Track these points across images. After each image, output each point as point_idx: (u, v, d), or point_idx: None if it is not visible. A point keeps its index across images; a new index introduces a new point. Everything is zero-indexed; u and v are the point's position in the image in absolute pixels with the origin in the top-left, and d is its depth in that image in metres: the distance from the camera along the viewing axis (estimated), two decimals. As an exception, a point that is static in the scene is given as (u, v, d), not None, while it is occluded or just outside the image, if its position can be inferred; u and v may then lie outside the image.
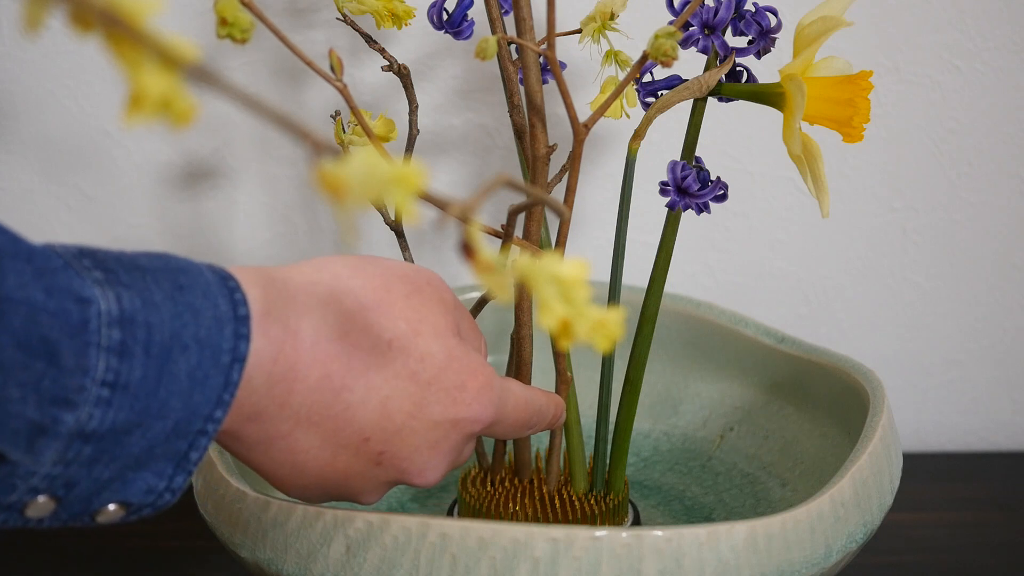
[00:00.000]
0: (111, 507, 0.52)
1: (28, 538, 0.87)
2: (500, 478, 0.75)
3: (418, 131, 0.72)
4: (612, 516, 0.74)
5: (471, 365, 0.60)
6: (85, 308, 0.47)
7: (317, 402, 0.56)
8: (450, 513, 0.76)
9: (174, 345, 0.50)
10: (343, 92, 0.63)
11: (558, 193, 0.70)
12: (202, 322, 0.51)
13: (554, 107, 0.83)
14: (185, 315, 0.50)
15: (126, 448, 0.50)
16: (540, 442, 0.80)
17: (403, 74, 0.70)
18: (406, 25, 0.69)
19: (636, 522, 0.76)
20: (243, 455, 0.58)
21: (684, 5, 0.66)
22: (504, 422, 0.63)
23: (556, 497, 0.73)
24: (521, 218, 0.66)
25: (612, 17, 0.68)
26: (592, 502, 0.73)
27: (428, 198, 0.45)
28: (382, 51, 0.70)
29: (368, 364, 0.57)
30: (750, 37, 0.67)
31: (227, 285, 0.53)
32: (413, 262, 0.73)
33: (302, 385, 0.55)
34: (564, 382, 0.70)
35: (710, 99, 0.69)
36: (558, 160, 0.71)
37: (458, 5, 0.70)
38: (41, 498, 0.50)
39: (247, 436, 0.56)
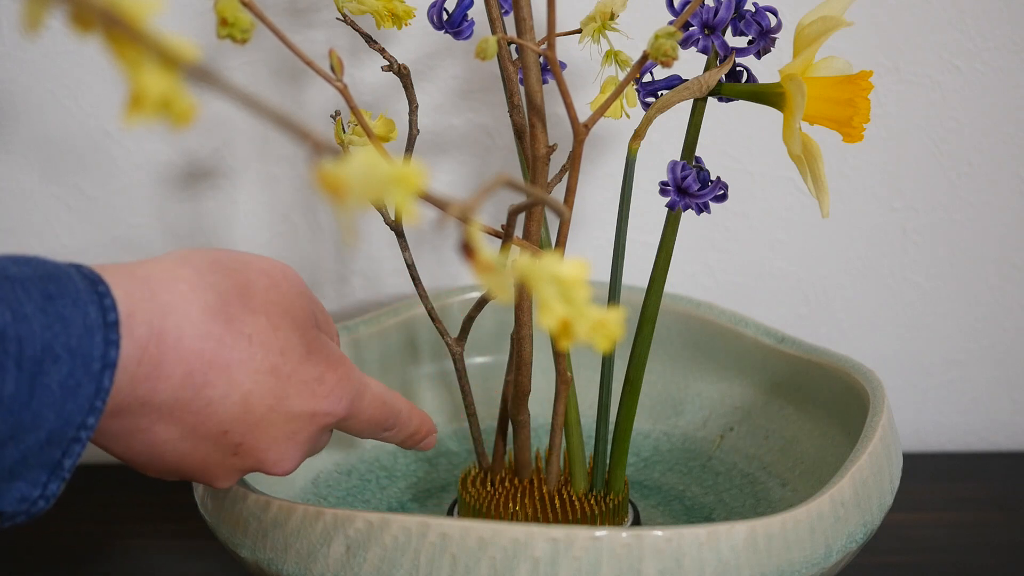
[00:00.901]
0: None
1: (27, 538, 0.87)
2: (500, 478, 0.75)
3: (418, 131, 0.72)
4: (612, 516, 0.74)
5: (330, 358, 0.62)
6: None
7: (179, 399, 0.57)
8: (450, 513, 0.76)
9: (45, 357, 0.50)
10: (343, 92, 0.63)
11: (558, 193, 0.70)
12: (72, 331, 0.51)
13: (554, 107, 0.83)
14: (56, 326, 0.50)
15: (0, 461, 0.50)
16: (540, 442, 0.80)
17: (403, 74, 0.70)
18: (406, 25, 0.69)
19: (636, 522, 0.76)
20: (102, 444, 0.59)
21: (684, 5, 0.66)
22: (358, 417, 0.64)
23: (556, 497, 0.73)
24: (521, 218, 0.66)
25: (612, 17, 0.68)
26: (592, 502, 0.73)
27: (428, 198, 0.45)
28: (382, 51, 0.70)
29: (229, 360, 0.58)
30: (750, 37, 0.67)
31: (96, 290, 0.53)
32: (412, 262, 0.73)
33: (165, 384, 0.56)
34: (564, 382, 0.70)
35: (710, 99, 0.69)
36: (558, 160, 0.71)
37: (458, 5, 0.70)
38: None
39: (108, 430, 0.57)
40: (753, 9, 0.67)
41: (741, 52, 0.67)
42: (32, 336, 0.49)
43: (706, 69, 0.68)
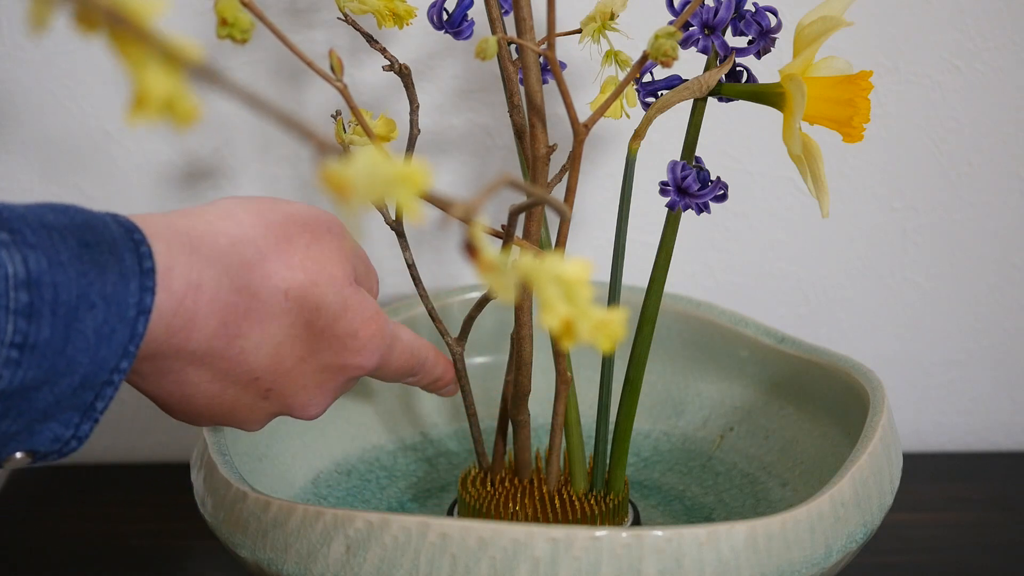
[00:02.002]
0: (18, 455, 0.54)
1: (27, 537, 0.87)
2: (500, 478, 0.75)
3: (419, 131, 0.71)
4: (612, 516, 0.74)
5: (364, 314, 0.63)
6: None
7: (213, 348, 0.58)
8: (450, 513, 0.76)
9: (80, 303, 0.51)
10: (343, 92, 0.63)
11: (558, 193, 0.70)
12: (108, 278, 0.52)
13: (554, 107, 0.83)
14: (91, 273, 0.51)
15: (34, 403, 0.51)
16: (540, 442, 0.80)
17: (404, 74, 0.70)
18: (407, 25, 0.69)
19: (636, 522, 0.76)
20: (133, 382, 0.59)
21: (684, 5, 0.66)
22: (387, 367, 0.66)
23: (556, 497, 0.73)
24: (521, 218, 0.66)
25: (612, 17, 0.68)
26: (592, 502, 0.73)
27: (431, 198, 0.45)
28: (383, 51, 0.70)
29: (264, 314, 0.59)
30: (750, 37, 0.67)
31: (132, 238, 0.53)
32: (413, 262, 0.73)
33: (199, 334, 0.57)
34: (564, 382, 0.70)
35: (710, 99, 0.69)
36: (558, 160, 0.71)
37: (458, 5, 0.70)
38: None
39: (139, 370, 0.58)
40: (753, 9, 0.67)
41: (741, 52, 0.67)
42: (68, 283, 0.50)
43: (706, 69, 0.68)
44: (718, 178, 0.68)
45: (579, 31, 0.68)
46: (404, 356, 0.67)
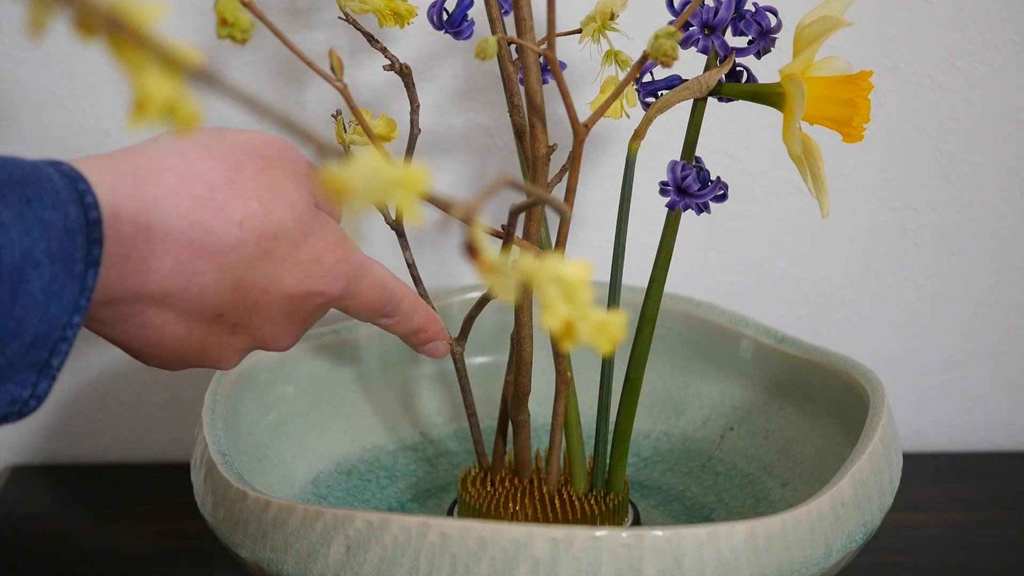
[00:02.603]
0: None
1: (27, 537, 0.87)
2: (500, 478, 0.75)
3: (419, 131, 0.71)
4: (612, 516, 0.74)
5: (328, 239, 0.61)
6: None
7: (171, 288, 0.56)
8: (450, 513, 0.77)
9: (26, 264, 0.49)
10: (343, 92, 0.63)
11: (558, 193, 0.70)
12: (53, 234, 0.50)
13: (554, 107, 0.83)
14: (35, 231, 0.49)
15: None
16: (540, 442, 0.80)
17: (405, 73, 0.70)
18: (408, 24, 0.69)
19: (636, 522, 0.76)
20: (98, 330, 0.58)
21: (684, 5, 0.66)
22: (356, 298, 0.63)
23: (556, 497, 0.73)
24: (520, 218, 0.66)
25: (612, 17, 0.68)
26: (592, 502, 0.73)
27: (431, 199, 0.45)
28: (384, 50, 0.70)
29: (219, 247, 0.57)
30: (750, 37, 0.67)
31: (76, 188, 0.52)
32: (413, 262, 0.73)
33: (155, 275, 0.55)
34: (564, 382, 0.70)
35: (710, 99, 0.69)
36: (558, 160, 0.71)
37: (458, 5, 0.70)
38: None
39: (101, 316, 0.56)
40: (753, 9, 0.67)
41: (741, 52, 0.67)
42: (11, 244, 0.49)
43: (706, 69, 0.68)
44: (718, 178, 0.68)
45: (579, 31, 0.68)
46: (375, 290, 0.64)
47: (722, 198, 0.68)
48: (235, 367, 0.64)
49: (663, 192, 0.68)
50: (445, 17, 0.70)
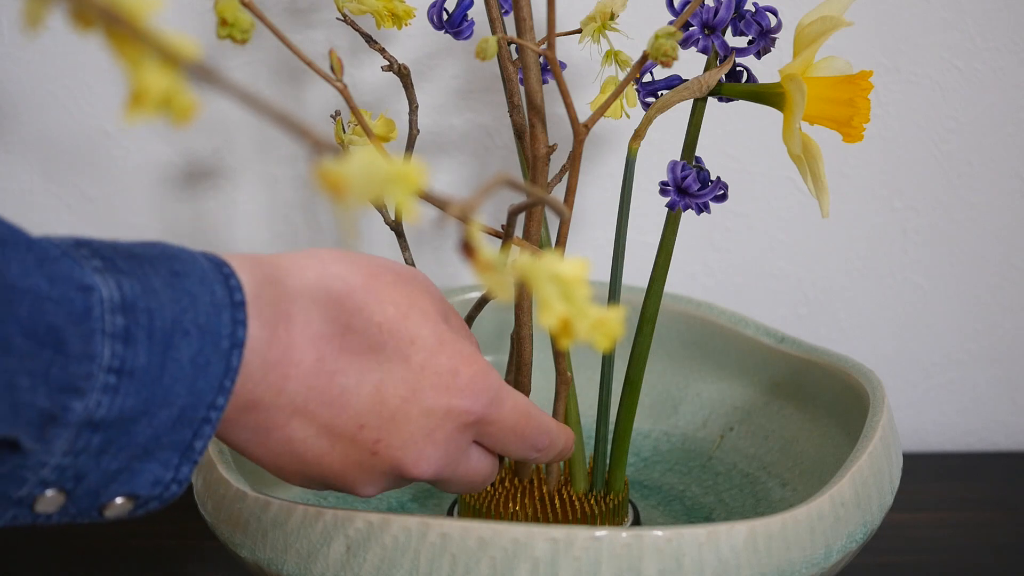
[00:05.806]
0: (119, 500, 0.53)
1: (27, 538, 0.87)
2: (500, 478, 0.75)
3: (418, 131, 0.72)
4: (612, 516, 0.74)
5: (463, 352, 0.60)
6: (88, 295, 0.48)
7: (313, 387, 0.56)
8: (450, 513, 0.76)
9: (175, 330, 0.50)
10: (343, 92, 0.63)
11: (558, 193, 0.70)
12: (200, 308, 0.51)
13: (554, 107, 0.83)
14: (184, 300, 0.50)
15: (133, 437, 0.50)
16: (540, 442, 0.80)
17: (403, 74, 0.70)
18: (406, 25, 0.69)
19: (636, 522, 0.76)
20: (240, 446, 0.58)
21: (684, 5, 0.66)
22: (500, 423, 0.61)
23: (556, 497, 0.73)
24: (521, 218, 0.66)
25: (612, 17, 0.68)
26: (592, 502, 0.73)
27: (428, 198, 0.45)
28: (382, 51, 0.70)
29: (360, 346, 0.57)
30: (750, 37, 0.67)
31: (222, 272, 0.53)
32: (413, 262, 0.73)
33: (297, 370, 0.55)
34: (564, 382, 0.70)
35: (710, 99, 0.69)
36: (558, 160, 0.71)
37: (458, 5, 0.70)
38: (50, 492, 0.50)
39: (244, 425, 0.56)
40: (753, 9, 0.67)
41: (741, 52, 0.67)
42: (161, 309, 0.49)
43: (706, 69, 0.68)
44: (718, 178, 0.68)
45: (579, 31, 0.68)
46: (517, 414, 0.62)
47: (722, 198, 0.68)
48: (373, 495, 0.62)
49: (663, 192, 0.68)
50: (445, 17, 0.70)
